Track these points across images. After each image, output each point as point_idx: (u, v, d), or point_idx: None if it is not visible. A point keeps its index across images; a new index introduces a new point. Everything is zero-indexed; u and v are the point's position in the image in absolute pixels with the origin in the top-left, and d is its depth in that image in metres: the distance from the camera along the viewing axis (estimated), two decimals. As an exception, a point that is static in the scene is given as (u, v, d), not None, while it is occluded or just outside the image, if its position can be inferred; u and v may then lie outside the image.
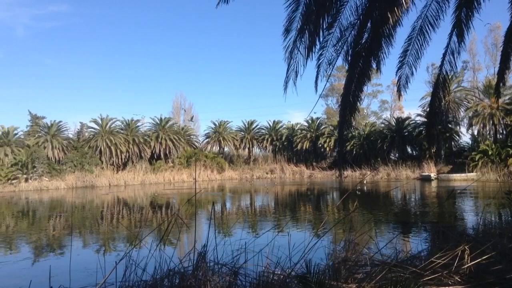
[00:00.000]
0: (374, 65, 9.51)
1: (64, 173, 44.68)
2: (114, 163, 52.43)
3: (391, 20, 8.51)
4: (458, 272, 5.03)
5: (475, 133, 46.61)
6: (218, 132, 61.48)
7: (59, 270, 7.80)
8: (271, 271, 5.40)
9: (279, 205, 24.00)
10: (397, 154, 52.54)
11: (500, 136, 44.85)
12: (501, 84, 12.35)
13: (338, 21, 8.74)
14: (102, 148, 51.37)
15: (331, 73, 10.10)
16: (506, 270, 4.96)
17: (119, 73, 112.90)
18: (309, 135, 58.69)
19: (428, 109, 12.63)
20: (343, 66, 11.74)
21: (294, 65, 8.70)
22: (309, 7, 7.99)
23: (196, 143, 63.10)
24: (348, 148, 51.46)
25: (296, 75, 8.76)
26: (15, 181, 41.25)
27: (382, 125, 56.50)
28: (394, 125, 52.71)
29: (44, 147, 47.43)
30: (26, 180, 41.64)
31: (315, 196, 29.41)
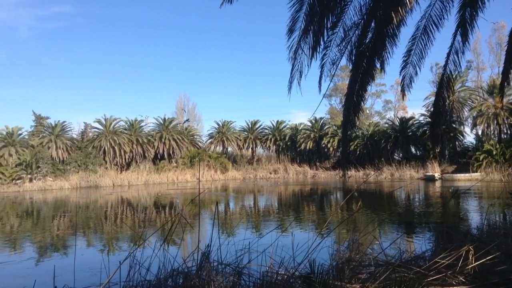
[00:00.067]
0: (378, 65, 9.48)
1: (68, 173, 44.83)
2: (118, 163, 52.58)
3: (395, 20, 8.49)
4: (463, 273, 5.00)
5: (479, 133, 46.39)
6: (222, 132, 61.52)
7: (63, 270, 7.83)
8: (275, 271, 5.40)
9: (283, 205, 24.00)
10: (401, 154, 52.37)
11: (505, 136, 44.61)
12: (506, 84, 12.27)
13: (342, 21, 8.73)
14: (106, 148, 51.53)
15: (335, 73, 10.09)
16: (511, 271, 4.93)
17: (120, 73, 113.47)
18: (313, 135, 58.60)
19: (432, 109, 12.60)
20: (347, 66, 11.72)
21: (299, 65, 8.71)
22: (313, 7, 7.99)
23: (200, 143, 63.15)
24: (352, 148, 51.38)
25: (301, 75, 8.77)
26: (20, 181, 41.46)
27: (386, 125, 56.39)
28: (398, 125, 52.55)
29: (48, 147, 47.63)
30: (30, 180, 41.83)
31: (319, 196, 29.38)
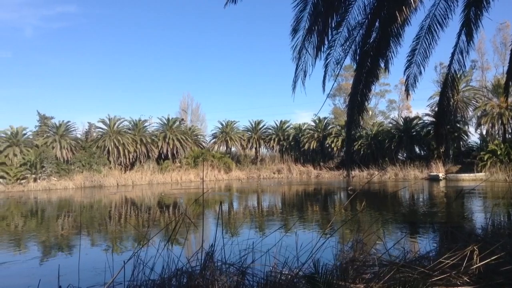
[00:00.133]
0: (382, 65, 9.47)
1: (73, 173, 44.99)
2: (122, 163, 52.68)
3: (399, 19, 8.48)
4: (467, 273, 4.99)
5: (484, 133, 46.24)
6: (225, 132, 61.54)
7: (68, 270, 7.84)
8: (279, 271, 5.40)
9: (286, 205, 23.98)
10: (405, 154, 52.18)
11: (509, 136, 44.41)
12: (510, 83, 12.22)
13: (346, 21, 8.72)
14: (110, 148, 51.64)
15: (339, 73, 10.08)
16: (516, 271, 4.92)
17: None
18: (316, 135, 58.53)
19: (437, 109, 12.55)
20: (351, 66, 11.75)
21: (303, 65, 8.71)
22: (317, 7, 7.99)
23: (203, 143, 63.20)
24: (356, 148, 51.24)
25: (305, 75, 8.77)
26: (24, 181, 41.62)
27: (390, 125, 56.21)
28: (402, 125, 52.40)
29: (53, 147, 47.75)
30: (35, 180, 41.99)
31: (322, 196, 29.35)
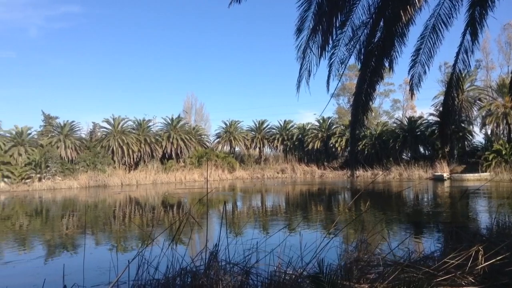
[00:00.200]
0: (387, 64, 9.45)
1: (77, 173, 45.12)
2: (126, 163, 52.80)
3: (404, 19, 8.45)
4: (472, 273, 4.98)
5: (489, 133, 46.02)
6: (229, 132, 61.56)
7: (72, 269, 7.87)
8: (283, 271, 5.40)
9: (290, 205, 23.97)
10: (410, 154, 52.07)
11: (514, 136, 44.22)
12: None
13: (351, 20, 8.71)
14: (114, 148, 51.76)
15: (343, 72, 10.07)
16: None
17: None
18: (320, 135, 58.45)
19: (441, 108, 12.50)
20: (355, 65, 11.72)
21: (307, 64, 8.71)
22: (322, 6, 7.98)
23: (207, 143, 63.27)
24: (360, 148, 51.13)
25: (309, 74, 8.77)
26: (29, 181, 41.79)
27: (394, 125, 56.07)
28: (406, 125, 52.27)
29: (57, 147, 47.93)
30: (40, 180, 42.14)
31: (327, 196, 29.31)
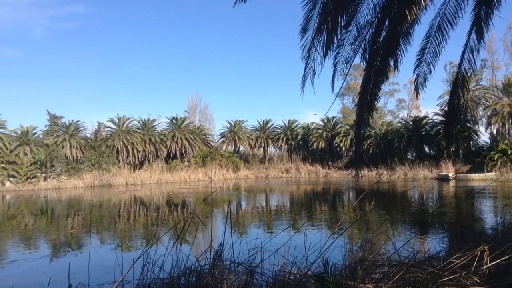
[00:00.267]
0: (392, 64, 9.42)
1: (82, 172, 45.29)
2: (131, 162, 52.97)
3: (409, 18, 8.42)
4: (477, 273, 4.95)
5: (494, 132, 45.82)
6: (234, 132, 61.61)
7: (78, 268, 7.90)
8: (288, 271, 5.40)
9: (295, 205, 23.95)
10: (414, 154, 51.92)
11: (520, 135, 44.02)
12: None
13: (356, 19, 8.69)
14: (119, 147, 51.94)
15: (348, 72, 10.06)
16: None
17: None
18: (325, 135, 58.41)
19: (447, 108, 12.47)
20: (359, 65, 11.70)
21: (312, 64, 8.70)
22: (327, 6, 7.98)
23: (212, 143, 63.39)
24: (365, 148, 51.07)
25: (314, 74, 8.76)
26: (34, 180, 42.00)
27: (399, 124, 55.96)
28: (411, 124, 52.12)
29: (63, 146, 48.18)
30: (45, 179, 42.35)
31: (331, 196, 29.27)
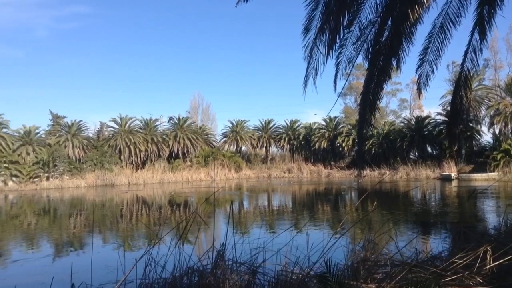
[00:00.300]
0: (394, 63, 9.40)
1: (85, 172, 45.39)
2: (133, 162, 53.02)
3: (412, 18, 8.40)
4: (480, 273, 4.95)
5: (497, 132, 45.66)
6: (236, 131, 61.59)
7: (80, 268, 7.89)
8: (290, 270, 5.40)
9: (297, 205, 23.95)
10: (417, 154, 51.75)
11: (523, 135, 43.85)
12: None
13: (358, 19, 8.67)
14: (122, 147, 51.99)
15: (350, 72, 10.03)
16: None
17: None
18: (327, 134, 58.32)
19: (449, 108, 12.43)
20: (362, 65, 11.68)
21: (314, 64, 8.69)
22: (329, 6, 7.96)
23: (214, 142, 63.38)
24: (367, 147, 50.92)
25: (316, 74, 8.75)
26: (37, 180, 42.10)
27: (402, 124, 55.77)
28: (414, 124, 51.95)
29: (65, 146, 48.24)
30: (48, 179, 42.44)
31: (333, 196, 29.25)
